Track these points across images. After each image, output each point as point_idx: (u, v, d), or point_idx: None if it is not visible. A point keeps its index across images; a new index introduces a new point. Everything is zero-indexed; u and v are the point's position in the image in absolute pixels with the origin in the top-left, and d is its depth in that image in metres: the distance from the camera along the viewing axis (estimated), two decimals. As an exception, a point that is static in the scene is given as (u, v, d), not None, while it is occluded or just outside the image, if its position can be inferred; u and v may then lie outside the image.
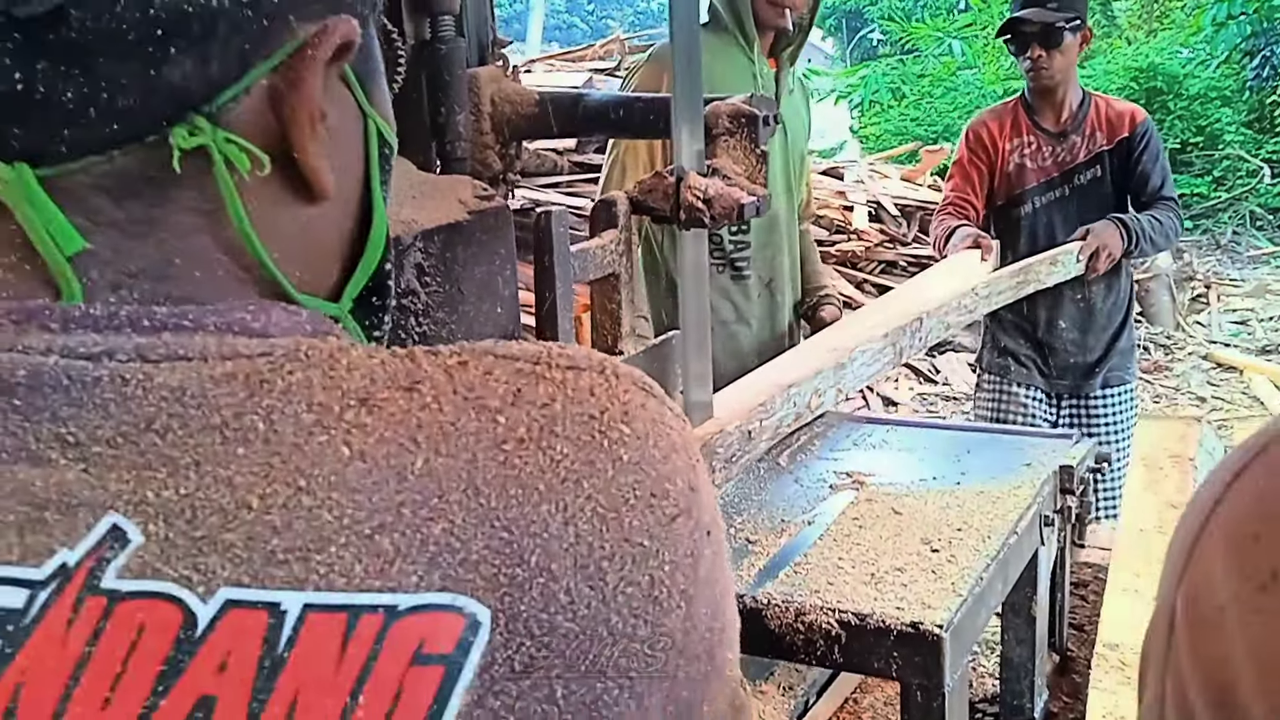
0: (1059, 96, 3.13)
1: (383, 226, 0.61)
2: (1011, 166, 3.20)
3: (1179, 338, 7.11)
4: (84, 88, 0.48)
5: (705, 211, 1.47)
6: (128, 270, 0.50)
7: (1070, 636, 1.89)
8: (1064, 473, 1.59)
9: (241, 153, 0.51)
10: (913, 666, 1.21)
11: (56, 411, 0.45)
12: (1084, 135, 3.16)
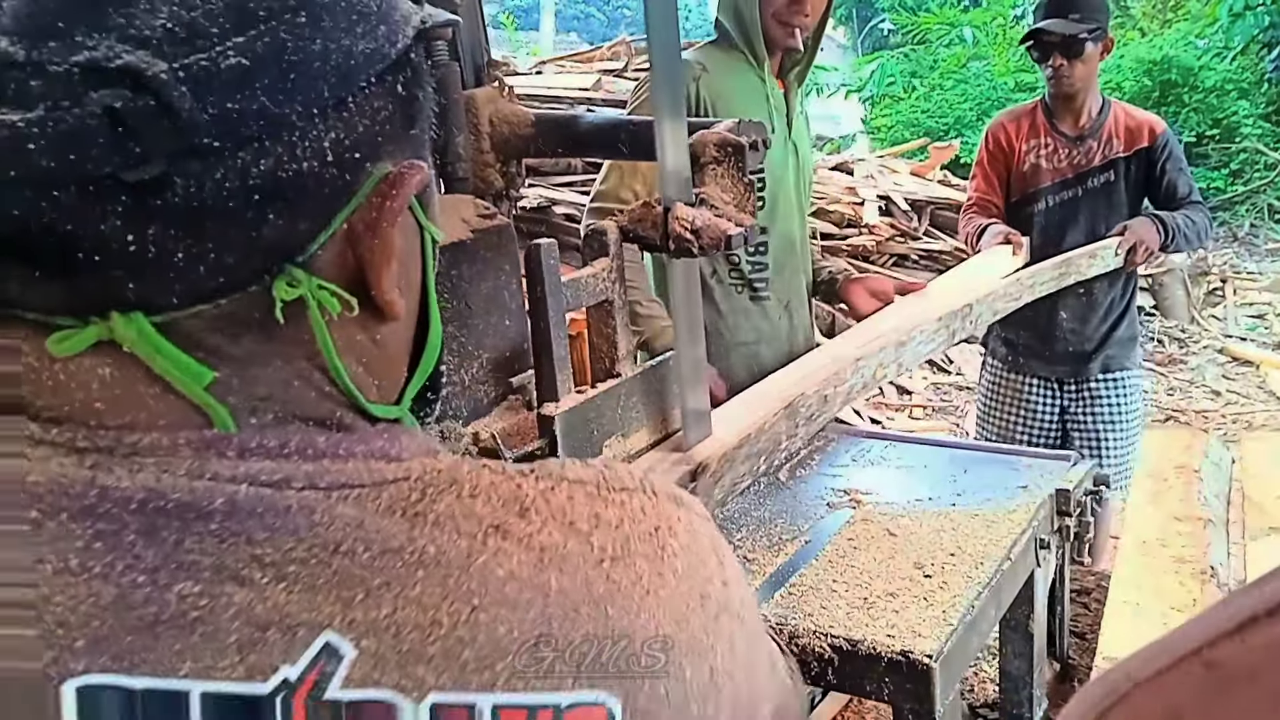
0: (1079, 102, 3.23)
1: (439, 330, 0.67)
2: (1027, 166, 3.32)
3: (1194, 331, 7.07)
4: (191, 247, 0.52)
5: (694, 242, 1.48)
6: (257, 395, 0.56)
7: (1072, 644, 1.90)
8: (1060, 496, 1.60)
9: (333, 297, 0.56)
10: (904, 693, 1.23)
11: (252, 535, 0.52)
12: (1100, 140, 3.26)
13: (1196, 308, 7.28)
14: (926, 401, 6.20)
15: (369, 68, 0.56)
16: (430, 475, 0.57)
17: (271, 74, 0.52)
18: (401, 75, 0.59)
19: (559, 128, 2.08)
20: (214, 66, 0.50)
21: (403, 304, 0.60)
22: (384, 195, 0.58)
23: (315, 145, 0.54)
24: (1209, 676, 0.40)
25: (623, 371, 1.65)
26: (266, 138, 0.52)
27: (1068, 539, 1.67)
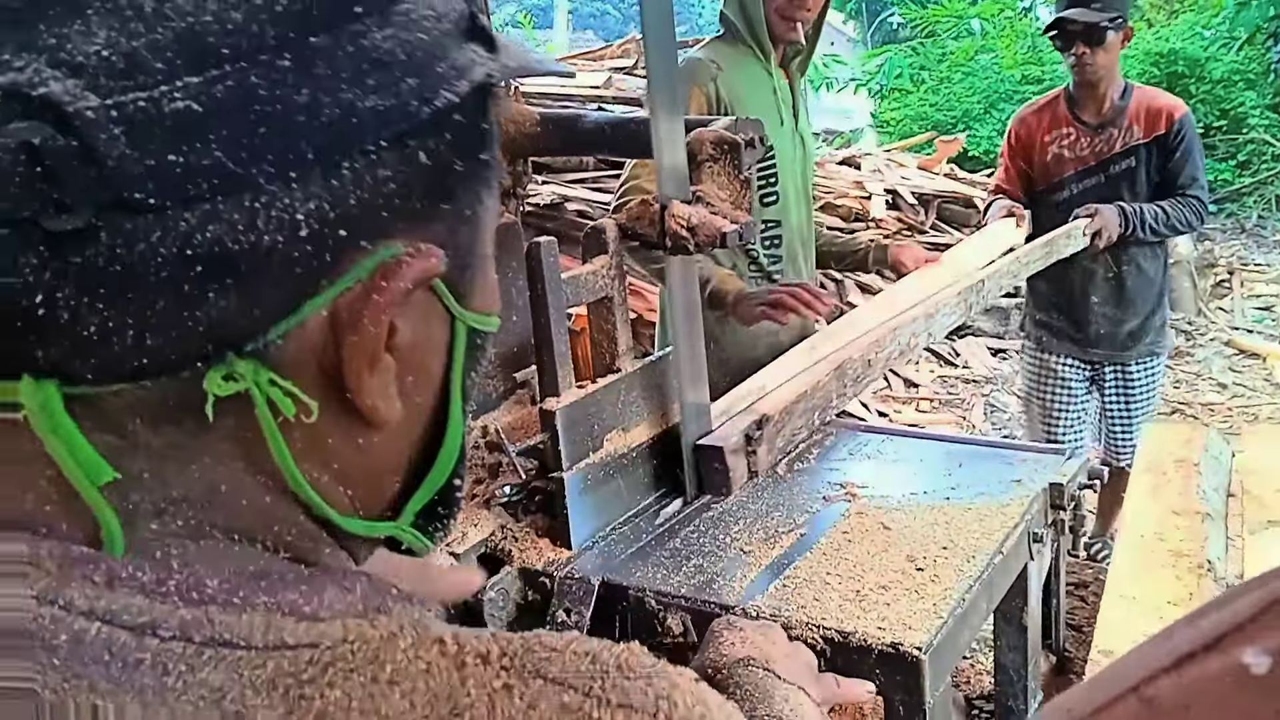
0: (1101, 90, 3.34)
1: (459, 436, 0.57)
2: (1050, 156, 3.45)
3: (1200, 323, 7.07)
4: (109, 319, 0.43)
5: (690, 239, 1.51)
6: (169, 496, 0.48)
7: (1068, 637, 1.92)
8: (1054, 490, 1.62)
9: (287, 398, 0.47)
10: (894, 684, 1.25)
11: (95, 684, 0.43)
12: (1121, 128, 3.36)
13: (1204, 300, 7.28)
14: (934, 394, 6.22)
15: (381, 129, 0.47)
16: (350, 645, 0.46)
17: (233, 125, 0.43)
18: (435, 140, 0.50)
19: (563, 127, 2.10)
20: (155, 109, 0.42)
21: (395, 409, 0.51)
22: (374, 285, 0.48)
23: (285, 215, 0.45)
24: (1145, 712, 0.40)
25: (623, 366, 1.68)
26: (219, 200, 0.43)
27: (1062, 532, 1.70)
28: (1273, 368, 6.29)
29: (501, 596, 1.52)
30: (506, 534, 1.58)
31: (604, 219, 1.63)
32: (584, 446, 1.61)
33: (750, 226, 1.53)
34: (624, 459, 1.69)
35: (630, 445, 1.70)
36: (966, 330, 7.04)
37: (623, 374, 1.66)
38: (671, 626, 1.43)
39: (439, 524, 0.60)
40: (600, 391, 1.63)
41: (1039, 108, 3.57)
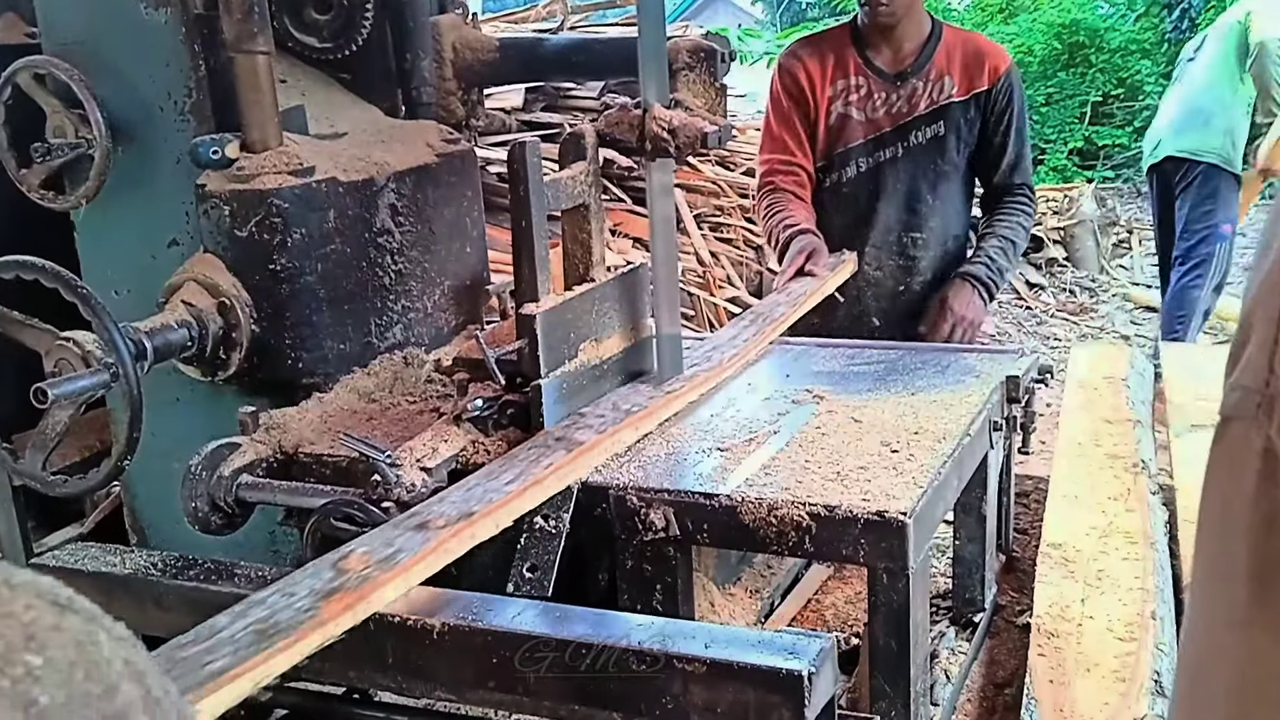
0: (899, 32, 2.49)
1: None
2: (834, 118, 2.52)
3: (1103, 280, 7.38)
4: None
5: (670, 141, 1.55)
6: None
7: (1015, 540, 2.03)
8: (1010, 382, 1.71)
9: None
10: (879, 551, 1.32)
11: None
12: (927, 80, 2.48)
13: (1105, 258, 7.58)
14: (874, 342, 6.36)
15: None
16: None
17: None
18: None
19: (523, 52, 2.13)
20: None
21: None
22: None
23: None
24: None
25: (597, 277, 1.72)
26: None
27: (1014, 429, 1.79)
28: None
29: (478, 506, 1.54)
30: (478, 448, 1.60)
31: (583, 124, 1.66)
32: (560, 354, 1.64)
33: (727, 129, 1.58)
34: (597, 370, 1.73)
35: (603, 356, 1.74)
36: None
37: (598, 283, 1.70)
38: (654, 521, 1.48)
39: None
40: (577, 300, 1.66)
41: (818, 44, 2.60)
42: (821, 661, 0.98)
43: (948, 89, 2.48)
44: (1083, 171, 10.10)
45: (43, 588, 0.42)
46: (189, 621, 1.28)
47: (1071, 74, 10.61)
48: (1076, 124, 10.42)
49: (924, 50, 2.50)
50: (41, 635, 0.40)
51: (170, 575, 1.25)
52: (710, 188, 6.75)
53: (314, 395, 1.80)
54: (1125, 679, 1.46)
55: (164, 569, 1.27)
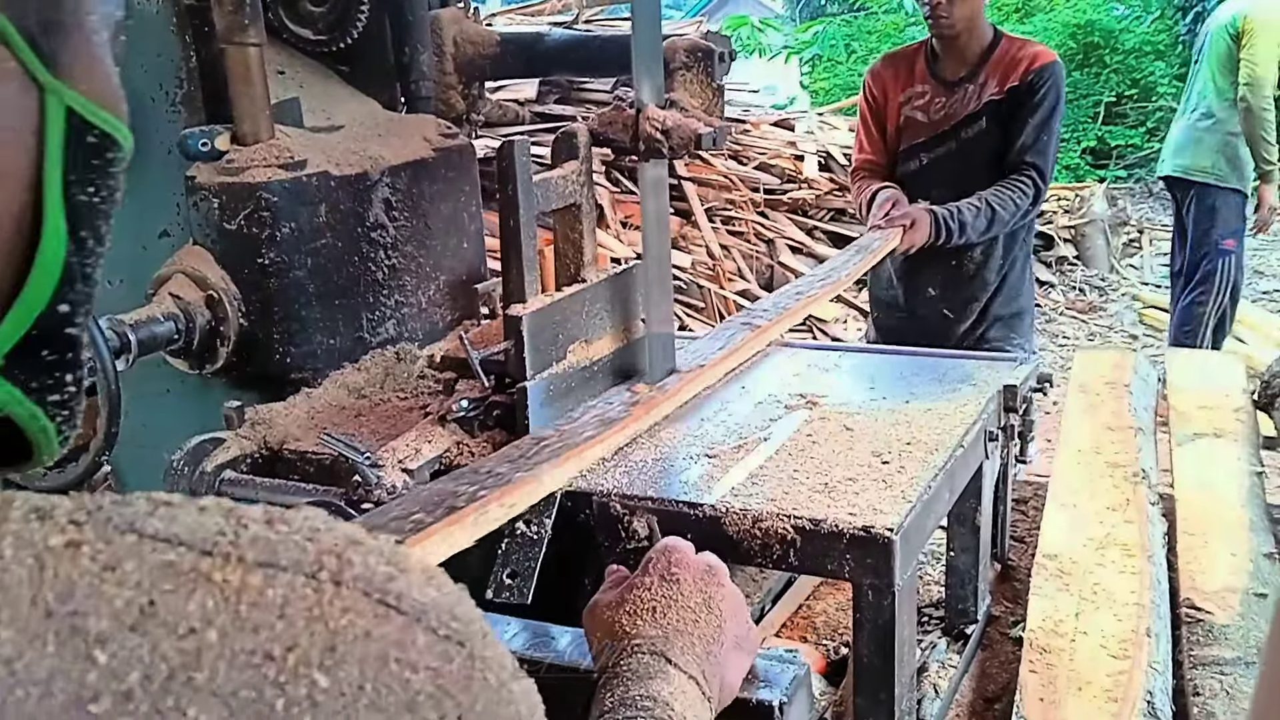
0: (960, 44, 2.92)
1: (58, 250, 0.45)
2: (903, 120, 3.00)
3: (1113, 280, 7.34)
4: None
5: (664, 142, 1.52)
6: None
7: (1011, 548, 2.00)
8: (1008, 391, 1.68)
9: None
10: (864, 568, 1.29)
11: None
12: (978, 84, 2.90)
13: (1116, 257, 7.54)
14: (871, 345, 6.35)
15: None
16: None
17: None
18: None
19: (524, 48, 2.11)
20: None
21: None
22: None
23: None
24: None
25: (588, 277, 1.69)
26: None
27: (1012, 438, 1.76)
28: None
29: (460, 509, 1.51)
30: (462, 450, 1.58)
31: (576, 123, 1.63)
32: (548, 356, 1.62)
33: (723, 131, 1.55)
34: (586, 372, 1.70)
35: (593, 358, 1.71)
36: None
37: (588, 284, 1.68)
38: (637, 529, 1.45)
39: (46, 377, 0.47)
40: (566, 301, 1.64)
41: (895, 59, 3.12)
42: (794, 690, 0.95)
43: (990, 90, 2.88)
44: (1095, 171, 10.05)
45: (377, 581, 0.38)
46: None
47: (1086, 74, 10.55)
48: (1090, 123, 10.37)
49: (981, 58, 2.91)
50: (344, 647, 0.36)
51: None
52: (722, 181, 6.72)
53: (302, 390, 1.78)
54: (1117, 699, 1.43)
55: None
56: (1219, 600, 1.73)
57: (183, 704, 0.33)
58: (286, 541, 0.39)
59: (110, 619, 0.34)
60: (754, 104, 8.10)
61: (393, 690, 0.38)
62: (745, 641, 0.99)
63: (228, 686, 0.34)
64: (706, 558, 1.02)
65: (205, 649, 0.35)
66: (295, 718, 0.35)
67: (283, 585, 0.37)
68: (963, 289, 3.02)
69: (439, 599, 0.42)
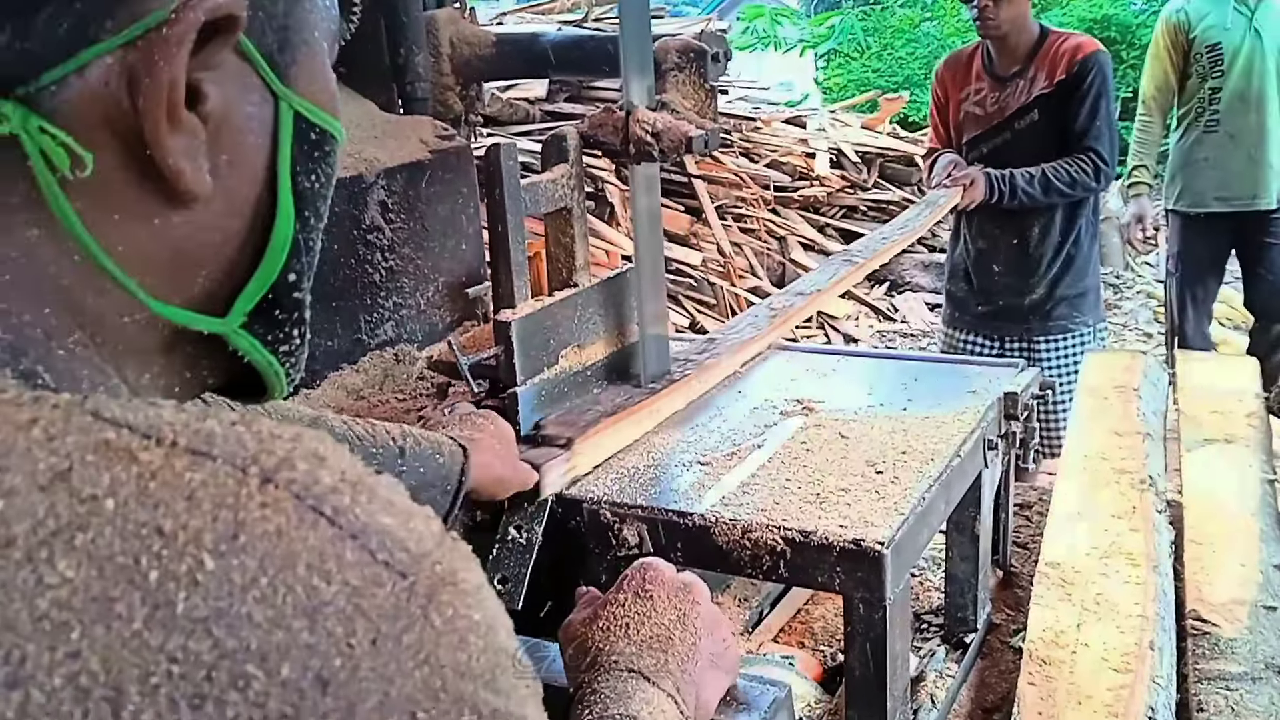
0: (1010, 43, 3.16)
1: (287, 229, 0.56)
2: (962, 115, 3.29)
3: (1128, 277, 7.27)
4: None
5: (654, 145, 1.50)
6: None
7: (1014, 554, 1.97)
8: (1008, 399, 1.65)
9: (59, 147, 0.44)
10: (855, 581, 1.26)
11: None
12: (1027, 78, 3.15)
13: (1131, 255, 7.46)
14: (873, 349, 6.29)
15: None
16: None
17: None
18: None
19: (521, 48, 2.08)
20: None
21: (204, 181, 0.49)
22: (162, 31, 0.46)
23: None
24: None
25: (580, 281, 1.67)
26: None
27: (1013, 445, 1.72)
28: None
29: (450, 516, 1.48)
30: (454, 454, 1.56)
31: (565, 126, 1.61)
32: (539, 361, 1.59)
33: (715, 134, 1.52)
34: (579, 377, 1.68)
35: (585, 363, 1.69)
36: (905, 286, 7.14)
37: (580, 289, 1.65)
38: (627, 537, 1.43)
39: (279, 331, 0.57)
40: (557, 306, 1.61)
41: (956, 59, 3.40)
42: (774, 713, 0.92)
43: (1040, 84, 3.12)
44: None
45: (316, 490, 0.38)
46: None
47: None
48: (1107, 119, 10.26)
49: (1029, 54, 3.14)
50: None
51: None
52: (733, 179, 6.69)
53: (301, 392, 1.77)
54: (1118, 714, 1.40)
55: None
56: (1226, 612, 1.69)
57: (55, 557, 0.34)
58: (235, 436, 0.39)
59: (26, 477, 0.36)
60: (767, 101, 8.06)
61: (293, 591, 0.37)
62: (722, 660, 0.96)
63: (105, 551, 0.35)
64: (684, 575, 1.00)
65: (97, 514, 0.36)
66: (169, 592, 0.35)
67: (205, 472, 0.38)
68: (1025, 269, 3.26)
69: (390, 526, 0.41)
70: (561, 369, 1.62)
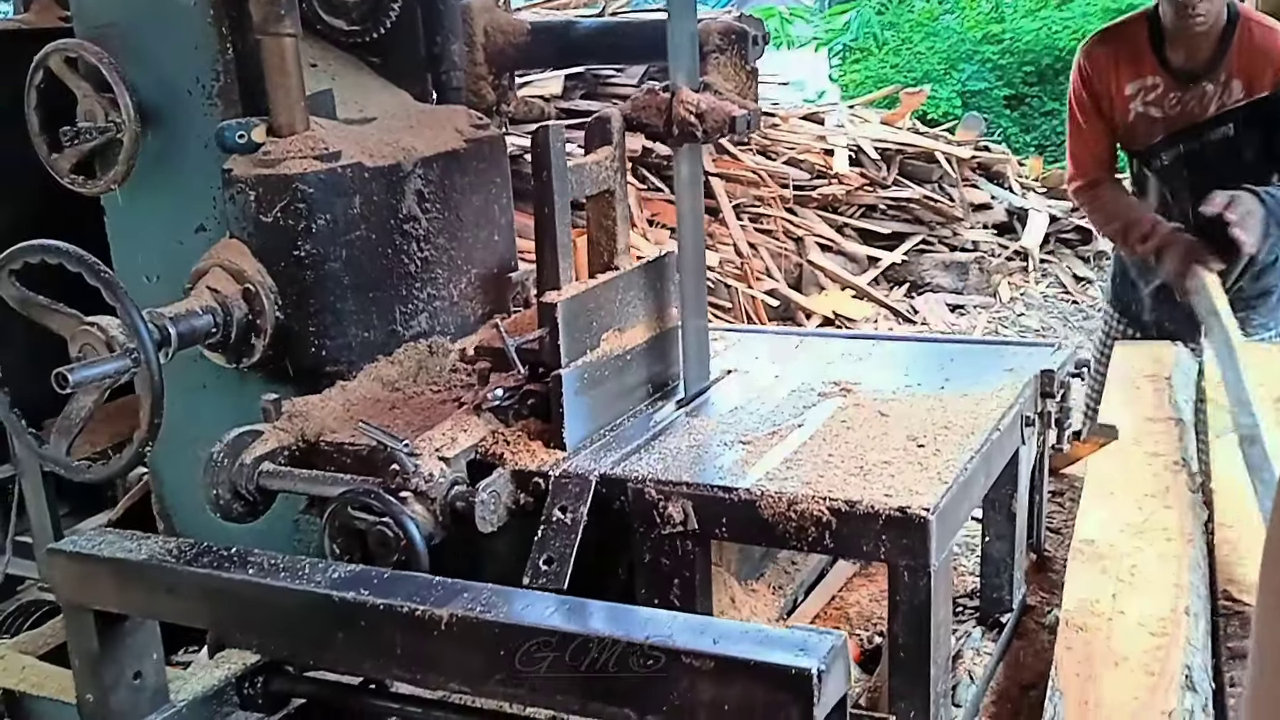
0: (1202, 34, 2.57)
1: None
2: (1133, 116, 2.66)
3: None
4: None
5: (698, 126, 1.52)
6: None
7: (1047, 538, 1.98)
8: (1044, 376, 1.67)
9: None
10: (900, 549, 1.29)
11: None
12: (1218, 83, 2.57)
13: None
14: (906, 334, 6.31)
15: None
16: None
17: None
18: None
19: (555, 36, 2.11)
20: None
21: None
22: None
23: None
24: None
25: (621, 265, 1.69)
26: None
27: (1049, 425, 1.74)
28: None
29: (493, 499, 1.50)
30: (498, 438, 1.58)
31: (609, 108, 1.63)
32: (581, 343, 1.62)
33: (757, 115, 1.55)
34: (619, 360, 1.70)
35: (626, 347, 1.71)
36: (925, 287, 7.14)
37: (622, 271, 1.68)
38: (672, 515, 1.45)
39: None
40: (600, 288, 1.64)
41: (1112, 38, 2.73)
42: (832, 660, 0.95)
43: (1235, 93, 2.56)
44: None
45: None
46: (202, 610, 1.28)
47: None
48: (1128, 114, 10.18)
49: (1217, 50, 2.55)
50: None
51: (184, 562, 1.25)
52: (750, 177, 6.69)
53: (337, 383, 1.79)
54: (1155, 673, 1.42)
55: (178, 556, 1.27)
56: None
57: None
58: None
59: None
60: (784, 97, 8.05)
61: None
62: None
63: None
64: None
65: None
66: None
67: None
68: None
69: None
70: (603, 352, 1.65)
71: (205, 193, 1.86)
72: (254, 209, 1.75)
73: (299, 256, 1.76)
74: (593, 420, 1.63)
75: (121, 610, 1.28)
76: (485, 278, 2.19)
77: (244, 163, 1.75)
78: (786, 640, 0.98)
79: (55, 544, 1.33)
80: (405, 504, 1.38)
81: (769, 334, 2.23)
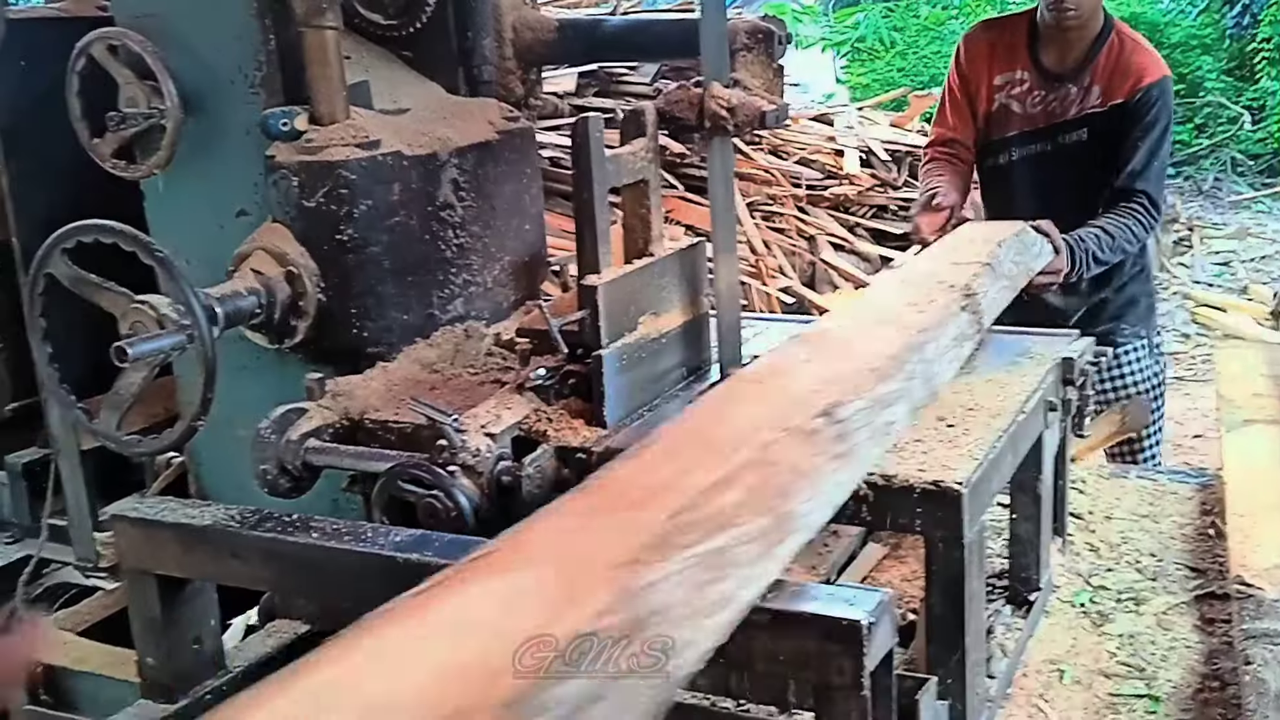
0: (1074, 35, 2.60)
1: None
2: (996, 105, 2.69)
3: (1163, 279, 7.28)
4: None
5: (729, 119, 1.57)
6: None
7: (1070, 524, 2.02)
8: (1065, 364, 1.71)
9: None
10: (935, 521, 1.33)
11: None
12: (1081, 86, 2.61)
13: (1166, 256, 7.49)
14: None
15: None
16: None
17: None
18: None
19: (582, 33, 2.16)
20: None
21: None
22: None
23: None
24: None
25: (656, 251, 1.74)
26: None
27: (1069, 412, 1.79)
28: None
29: (539, 473, 1.55)
30: (540, 416, 1.63)
31: (643, 102, 1.68)
32: (620, 325, 1.66)
33: (784, 110, 1.59)
34: (655, 343, 1.74)
35: (662, 330, 1.76)
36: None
37: (657, 258, 1.72)
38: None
39: None
40: (637, 273, 1.68)
41: (994, 29, 2.79)
42: (880, 613, 0.99)
43: (1093, 99, 2.60)
44: (1142, 167, 9.90)
45: None
46: (266, 573, 1.32)
47: (1132, 68, 10.41)
48: (1137, 118, 10.22)
49: (1087, 55, 2.60)
50: None
51: (248, 527, 1.29)
52: (763, 176, 6.73)
53: (378, 364, 1.84)
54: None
55: (241, 521, 1.31)
56: (1269, 576, 1.75)
57: None
58: None
59: None
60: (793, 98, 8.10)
61: None
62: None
63: None
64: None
65: None
66: None
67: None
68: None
69: None
70: (640, 335, 1.70)
71: (247, 178, 1.91)
72: (297, 194, 1.80)
73: (341, 240, 1.81)
74: (631, 400, 1.68)
75: (186, 574, 1.32)
76: (517, 265, 2.24)
77: (287, 149, 1.80)
78: (837, 595, 1.02)
79: (119, 510, 1.38)
80: (454, 476, 1.42)
81: (795, 322, 2.27)
